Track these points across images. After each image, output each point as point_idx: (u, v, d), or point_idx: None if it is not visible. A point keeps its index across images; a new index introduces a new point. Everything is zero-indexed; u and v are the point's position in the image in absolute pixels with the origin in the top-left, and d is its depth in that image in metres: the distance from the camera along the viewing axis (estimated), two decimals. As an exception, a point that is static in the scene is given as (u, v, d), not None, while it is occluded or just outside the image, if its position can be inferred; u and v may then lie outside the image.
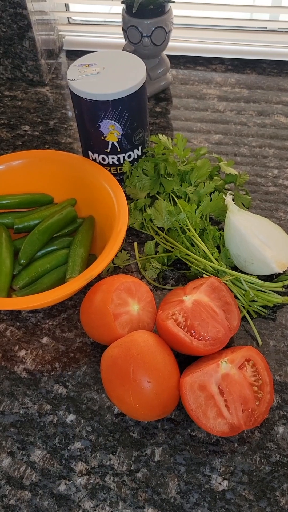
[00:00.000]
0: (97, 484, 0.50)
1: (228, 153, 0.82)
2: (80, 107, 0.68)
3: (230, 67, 0.99)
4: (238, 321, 0.56)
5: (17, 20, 0.89)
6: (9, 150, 0.85)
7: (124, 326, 0.54)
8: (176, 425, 0.53)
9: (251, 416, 0.49)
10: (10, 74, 0.98)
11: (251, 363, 0.52)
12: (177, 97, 0.93)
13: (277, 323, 0.61)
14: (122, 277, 0.57)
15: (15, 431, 0.54)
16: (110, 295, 0.54)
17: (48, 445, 0.53)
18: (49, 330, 0.62)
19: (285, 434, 0.52)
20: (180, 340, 0.52)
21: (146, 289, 0.57)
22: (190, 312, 0.54)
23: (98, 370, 0.58)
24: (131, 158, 0.73)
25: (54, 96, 0.95)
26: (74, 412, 0.55)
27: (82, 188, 0.69)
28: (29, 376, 0.58)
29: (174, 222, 0.65)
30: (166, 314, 0.54)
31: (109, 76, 0.67)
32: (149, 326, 0.57)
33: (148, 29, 0.83)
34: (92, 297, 0.56)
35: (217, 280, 0.57)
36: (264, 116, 0.88)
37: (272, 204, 0.74)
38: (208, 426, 0.49)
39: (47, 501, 0.49)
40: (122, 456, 0.52)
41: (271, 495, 0.49)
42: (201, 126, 0.87)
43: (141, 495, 0.49)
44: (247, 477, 0.50)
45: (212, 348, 0.53)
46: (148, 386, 0.49)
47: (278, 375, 0.56)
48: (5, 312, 0.64)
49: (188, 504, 0.49)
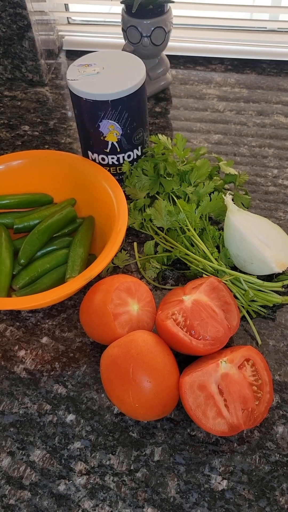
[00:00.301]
0: (96, 483, 0.50)
1: (228, 153, 0.82)
2: (79, 107, 0.68)
3: (229, 67, 0.99)
4: (238, 321, 0.56)
5: (16, 20, 0.89)
6: (9, 150, 0.85)
7: (123, 326, 0.54)
8: (176, 425, 0.53)
9: (251, 415, 0.49)
10: (10, 74, 0.98)
11: (250, 363, 0.52)
12: (177, 97, 0.93)
13: (276, 322, 0.61)
14: (122, 277, 0.57)
15: (15, 431, 0.54)
16: (109, 295, 0.54)
17: (48, 445, 0.53)
18: (49, 330, 0.62)
19: (284, 434, 0.52)
20: (179, 340, 0.52)
21: (145, 289, 0.57)
22: (190, 312, 0.54)
23: (97, 370, 0.58)
24: (131, 158, 0.73)
25: (53, 96, 0.95)
26: (74, 412, 0.55)
27: (82, 188, 0.69)
28: (29, 376, 0.58)
29: (174, 222, 0.65)
30: (166, 314, 0.54)
31: (108, 76, 0.67)
32: (149, 326, 0.57)
33: (148, 29, 0.83)
34: (92, 297, 0.56)
35: (217, 280, 0.57)
36: (263, 116, 0.88)
37: (271, 204, 0.74)
38: (207, 426, 0.49)
39: (47, 501, 0.49)
40: (121, 456, 0.52)
41: (271, 495, 0.49)
42: (201, 126, 0.87)
43: (140, 494, 0.49)
44: (246, 477, 0.50)
45: (211, 348, 0.53)
46: (148, 386, 0.49)
47: (278, 374, 0.56)
48: (4, 312, 0.64)
49: (187, 504, 0.49)
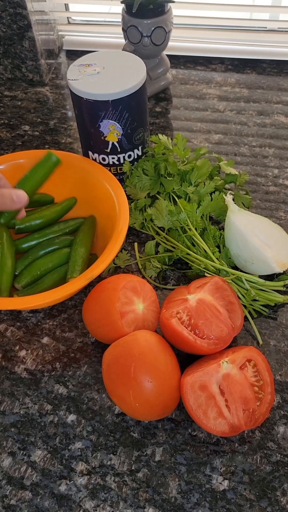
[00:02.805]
0: (97, 484, 0.50)
1: (228, 153, 0.82)
2: (80, 107, 0.68)
3: (230, 67, 0.99)
4: (242, 320, 0.56)
5: (17, 20, 0.89)
6: (9, 150, 0.85)
7: (130, 324, 0.54)
8: (177, 425, 0.53)
9: (252, 416, 0.49)
10: (10, 74, 0.98)
11: (252, 364, 0.52)
12: (177, 97, 0.93)
13: (277, 322, 0.61)
14: (128, 276, 0.58)
15: (16, 431, 0.54)
16: (116, 293, 0.54)
17: (49, 445, 0.53)
18: (50, 330, 0.62)
19: (285, 434, 0.52)
20: (184, 339, 0.52)
21: (150, 288, 0.58)
22: (194, 311, 0.54)
23: (98, 370, 0.58)
24: (131, 158, 0.73)
25: (54, 96, 0.95)
26: (75, 412, 0.55)
27: (83, 187, 0.69)
28: (30, 376, 0.58)
29: (175, 221, 0.65)
30: (170, 312, 0.54)
31: (109, 76, 0.67)
32: (153, 325, 0.57)
33: (148, 29, 0.83)
34: (97, 296, 0.56)
35: (221, 279, 0.57)
36: (264, 115, 0.88)
37: (272, 204, 0.73)
38: (208, 426, 0.49)
39: (48, 501, 0.49)
40: (122, 456, 0.52)
41: (272, 495, 0.49)
42: (201, 126, 0.87)
43: (142, 495, 0.49)
44: (247, 477, 0.50)
45: (215, 347, 0.53)
46: (149, 386, 0.49)
47: (279, 374, 0.56)
48: (5, 312, 0.64)
49: (189, 504, 0.48)
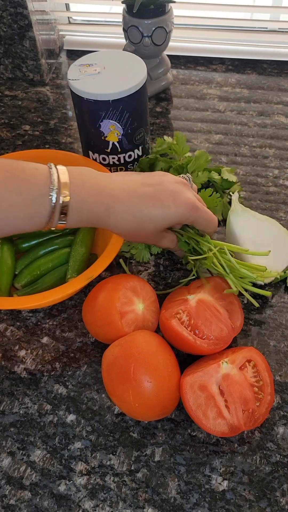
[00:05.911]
0: (97, 484, 0.50)
1: (229, 153, 0.82)
2: (80, 107, 0.68)
3: (230, 67, 0.99)
4: (241, 321, 0.56)
5: (17, 20, 0.89)
6: (9, 150, 0.85)
7: (130, 324, 0.54)
8: (176, 425, 0.53)
9: (251, 417, 0.49)
10: (11, 73, 0.98)
11: (252, 364, 0.52)
12: (178, 97, 0.93)
13: (277, 323, 0.61)
14: (128, 276, 0.58)
15: (15, 431, 0.54)
16: (117, 293, 0.54)
17: (48, 445, 0.53)
18: (49, 330, 0.61)
19: (285, 435, 0.52)
20: (184, 339, 0.52)
21: (150, 288, 0.58)
22: (194, 311, 0.54)
23: (98, 370, 0.58)
24: (132, 158, 0.73)
25: (54, 96, 0.95)
26: (74, 412, 0.55)
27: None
28: (29, 376, 0.58)
29: None
30: (170, 313, 0.54)
31: (109, 76, 0.67)
32: (153, 325, 0.57)
33: (149, 29, 0.83)
34: (97, 296, 0.56)
35: (221, 279, 0.57)
36: (264, 116, 0.88)
37: (272, 204, 0.73)
38: (208, 426, 0.49)
39: (47, 501, 0.49)
40: (122, 456, 0.52)
41: (271, 495, 0.49)
42: (202, 126, 0.87)
43: (141, 495, 0.49)
44: (247, 477, 0.50)
45: (215, 347, 0.53)
46: (148, 386, 0.49)
47: (278, 375, 0.56)
48: (5, 312, 0.64)
49: (188, 504, 0.48)
